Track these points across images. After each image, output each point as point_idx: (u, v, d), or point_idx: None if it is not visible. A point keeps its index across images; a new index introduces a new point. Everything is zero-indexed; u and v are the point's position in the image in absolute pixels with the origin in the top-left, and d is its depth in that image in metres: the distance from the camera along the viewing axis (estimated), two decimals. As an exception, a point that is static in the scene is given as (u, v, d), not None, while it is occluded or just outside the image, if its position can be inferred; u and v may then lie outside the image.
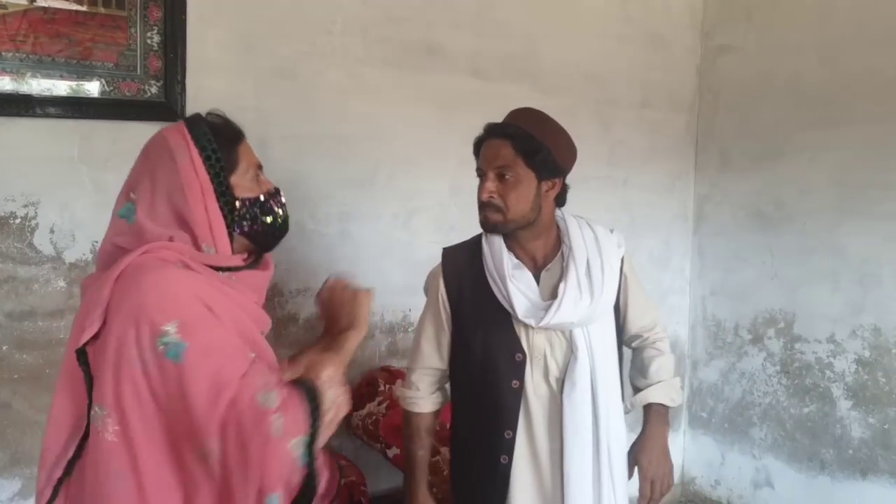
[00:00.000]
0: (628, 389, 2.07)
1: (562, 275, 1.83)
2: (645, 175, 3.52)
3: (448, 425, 2.09)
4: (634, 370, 2.10)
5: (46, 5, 2.11)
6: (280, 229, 1.52)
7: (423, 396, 1.98)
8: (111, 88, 2.23)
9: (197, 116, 1.47)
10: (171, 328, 1.25)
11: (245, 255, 1.48)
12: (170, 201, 1.38)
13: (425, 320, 2.01)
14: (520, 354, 1.84)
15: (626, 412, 1.98)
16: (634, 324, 2.04)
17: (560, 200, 1.90)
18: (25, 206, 2.14)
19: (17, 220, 2.13)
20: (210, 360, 1.25)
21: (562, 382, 1.83)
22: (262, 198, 1.47)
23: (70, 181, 2.20)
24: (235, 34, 2.43)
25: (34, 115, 2.12)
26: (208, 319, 1.29)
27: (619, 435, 1.90)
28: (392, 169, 2.77)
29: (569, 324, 1.82)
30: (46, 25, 2.12)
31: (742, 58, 3.49)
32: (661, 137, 3.56)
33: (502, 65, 3.01)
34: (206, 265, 1.38)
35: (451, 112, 2.87)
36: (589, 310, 1.82)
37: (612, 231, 1.95)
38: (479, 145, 1.86)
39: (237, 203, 1.43)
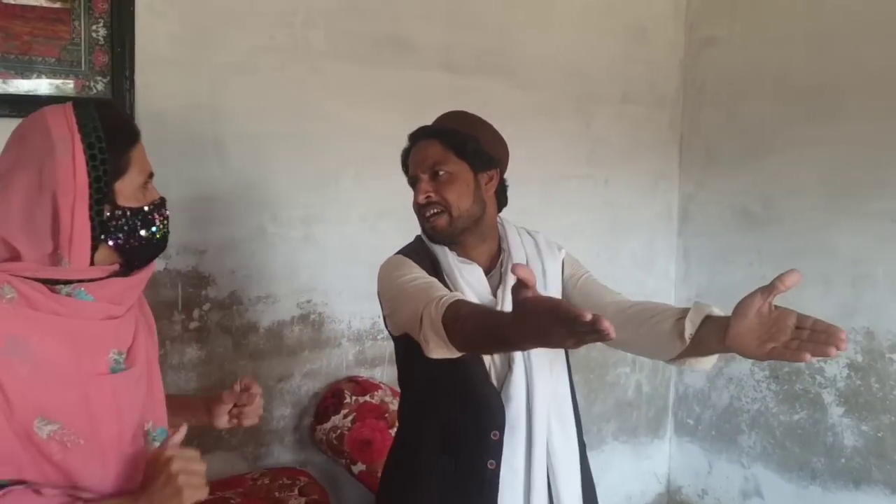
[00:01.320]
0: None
1: (500, 279, 1.71)
2: (627, 174, 3.39)
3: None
4: (648, 320, 1.54)
5: (-21, -4, 1.97)
6: (157, 245, 1.33)
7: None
8: (53, 85, 2.09)
9: (89, 104, 1.27)
10: None
11: (108, 266, 1.28)
12: (34, 200, 1.20)
13: (412, 276, 1.67)
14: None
15: (684, 346, 1.46)
16: (603, 301, 1.68)
17: (501, 199, 1.79)
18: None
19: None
20: None
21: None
22: (145, 209, 1.29)
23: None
24: (188, 27, 2.29)
25: (-33, 114, 1.98)
26: None
27: (564, 457, 1.70)
28: (359, 169, 2.63)
29: None
30: (-21, 18, 1.98)
31: (728, 50, 3.37)
32: (644, 134, 3.43)
33: (476, 59, 2.88)
34: (45, 280, 1.21)
35: (423, 109, 2.67)
36: None
37: (554, 243, 1.84)
38: (406, 156, 1.79)
39: (117, 212, 1.25)
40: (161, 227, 1.32)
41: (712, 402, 3.48)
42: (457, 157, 1.69)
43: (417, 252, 1.78)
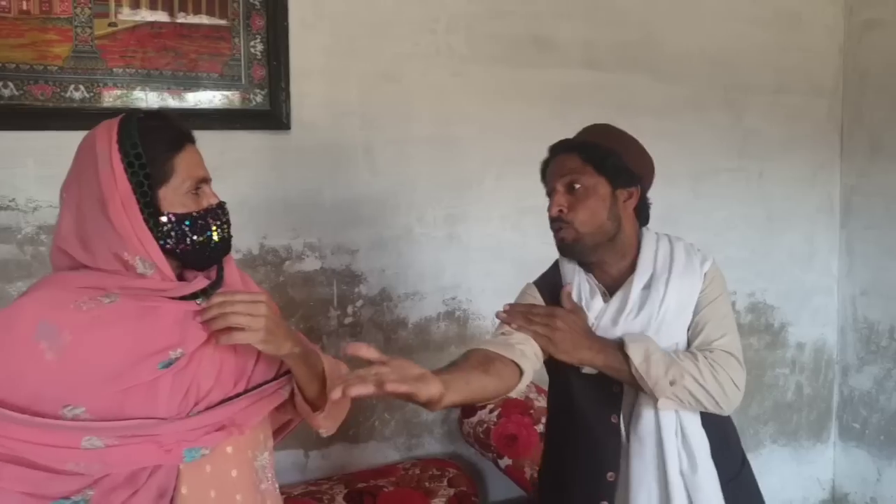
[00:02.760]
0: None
1: (626, 300, 1.65)
2: (783, 166, 3.25)
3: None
4: None
5: (154, 20, 2.17)
6: (216, 248, 1.34)
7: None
8: (217, 99, 2.27)
9: (130, 116, 1.31)
10: None
11: (178, 274, 1.34)
12: (89, 211, 1.26)
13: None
14: (616, 385, 1.66)
15: None
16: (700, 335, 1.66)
17: (642, 217, 1.73)
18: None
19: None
20: None
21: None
22: (195, 214, 1.30)
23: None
24: (337, 38, 2.42)
25: (144, 129, 2.18)
26: None
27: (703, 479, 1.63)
28: (500, 169, 2.68)
29: None
30: (154, 40, 2.18)
31: (892, 33, 3.16)
32: (800, 124, 3.28)
33: (618, 54, 2.86)
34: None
35: (563, 107, 2.75)
36: (640, 328, 1.62)
37: (699, 250, 1.72)
38: (545, 167, 1.76)
39: (162, 218, 1.28)
40: (219, 231, 1.34)
41: (881, 405, 3.27)
42: (595, 172, 1.64)
43: (546, 281, 1.79)
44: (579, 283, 1.70)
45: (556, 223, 1.68)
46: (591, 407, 1.69)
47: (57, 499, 1.22)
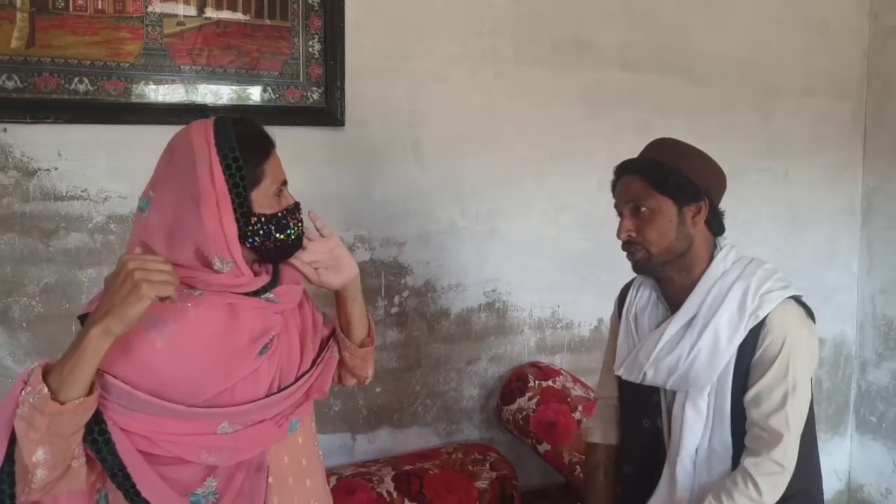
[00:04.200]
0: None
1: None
2: (808, 167, 3.35)
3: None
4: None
5: (218, 18, 2.27)
6: (292, 245, 1.44)
7: (600, 427, 1.95)
8: (276, 96, 2.37)
9: (226, 120, 1.38)
10: None
11: (254, 270, 1.42)
12: (181, 208, 1.32)
13: (607, 349, 1.98)
14: (657, 395, 1.78)
15: None
16: (749, 424, 1.67)
17: (715, 228, 1.73)
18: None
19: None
20: None
21: None
22: (279, 214, 1.39)
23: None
24: (390, 39, 2.51)
25: (209, 124, 2.28)
26: None
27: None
28: (540, 166, 2.78)
29: (651, 381, 1.73)
30: (219, 38, 2.28)
31: (917, 39, 3.26)
32: (826, 126, 3.38)
33: (654, 57, 2.96)
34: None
35: (600, 107, 2.85)
36: (668, 369, 1.68)
37: (769, 292, 1.64)
38: (614, 188, 1.78)
39: (253, 219, 1.36)
40: (295, 229, 1.43)
41: (898, 400, 3.39)
42: (658, 193, 1.65)
43: (628, 287, 1.91)
44: (639, 292, 1.81)
45: (627, 246, 1.71)
46: (631, 406, 1.86)
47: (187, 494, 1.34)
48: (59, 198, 2.15)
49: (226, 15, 2.28)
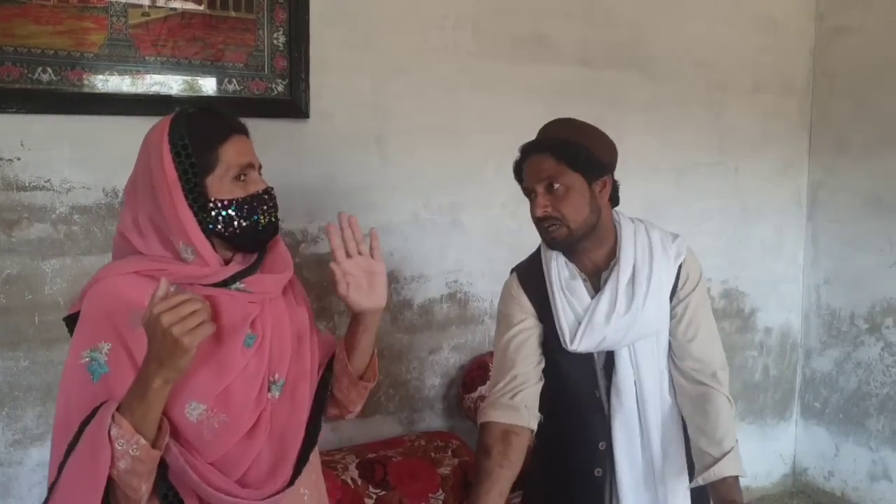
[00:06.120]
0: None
1: (606, 282, 1.78)
2: (757, 161, 3.48)
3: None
4: (696, 428, 1.80)
5: (183, 10, 2.27)
6: (264, 231, 1.43)
7: (502, 409, 1.82)
8: (241, 87, 2.38)
9: (182, 112, 1.40)
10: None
11: (231, 257, 1.44)
12: (144, 199, 1.37)
13: (504, 342, 1.88)
14: (594, 364, 1.83)
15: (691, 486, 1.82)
16: (691, 357, 1.81)
17: (614, 199, 1.82)
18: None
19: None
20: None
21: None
22: (240, 199, 1.39)
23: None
24: (354, 33, 2.54)
25: (174, 115, 2.28)
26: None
27: (673, 464, 1.83)
28: (500, 159, 2.80)
29: (607, 345, 1.77)
30: (184, 30, 2.28)
31: (859, 39, 3.39)
32: (774, 122, 3.51)
33: (610, 53, 3.03)
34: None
35: (560, 102, 2.91)
36: (626, 326, 1.74)
37: (674, 238, 1.82)
38: (519, 168, 1.81)
39: (209, 205, 1.36)
40: (265, 215, 1.42)
41: (840, 386, 3.53)
42: (570, 170, 1.70)
43: (529, 271, 1.90)
44: (558, 269, 1.81)
45: (545, 222, 1.74)
46: (576, 384, 1.84)
47: None
48: (21, 188, 2.14)
49: (191, 6, 2.28)
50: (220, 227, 1.38)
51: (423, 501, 2.36)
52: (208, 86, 2.34)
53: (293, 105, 2.44)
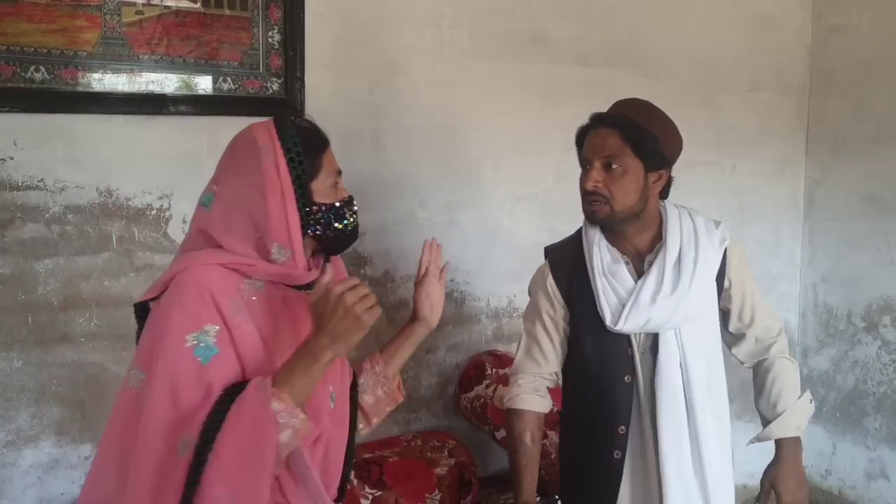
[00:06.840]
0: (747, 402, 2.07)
1: (652, 265, 1.80)
2: (753, 160, 3.47)
3: (557, 411, 2.10)
4: (758, 393, 1.98)
5: (178, 8, 2.25)
6: (349, 235, 1.55)
7: (528, 395, 1.95)
8: (236, 86, 2.36)
9: (286, 118, 1.50)
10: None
11: (311, 268, 1.50)
12: (247, 199, 1.41)
13: (535, 320, 1.97)
14: (630, 349, 1.83)
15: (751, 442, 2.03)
16: (749, 342, 1.95)
17: (664, 193, 1.85)
18: (160, 198, 2.29)
19: (154, 212, 2.29)
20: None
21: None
22: (337, 204, 1.50)
23: (200, 175, 2.31)
24: (350, 31, 2.53)
25: (168, 113, 2.26)
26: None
27: (720, 451, 1.86)
28: (497, 158, 2.83)
29: (652, 327, 1.78)
30: (178, 28, 2.26)
31: (856, 37, 3.39)
32: (771, 121, 3.50)
33: (608, 51, 3.02)
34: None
35: (556, 100, 2.91)
36: (672, 307, 1.75)
37: (717, 224, 1.86)
38: (582, 136, 1.82)
39: (314, 207, 1.46)
40: (351, 220, 1.54)
41: (837, 384, 3.52)
42: (633, 153, 1.72)
43: (563, 254, 1.92)
44: (600, 254, 1.83)
45: (592, 196, 1.75)
46: (606, 367, 1.85)
47: None
48: (14, 187, 2.12)
49: (185, 4, 2.27)
50: (319, 229, 1.48)
51: (420, 501, 2.36)
52: (203, 84, 2.32)
53: (288, 104, 2.41)
